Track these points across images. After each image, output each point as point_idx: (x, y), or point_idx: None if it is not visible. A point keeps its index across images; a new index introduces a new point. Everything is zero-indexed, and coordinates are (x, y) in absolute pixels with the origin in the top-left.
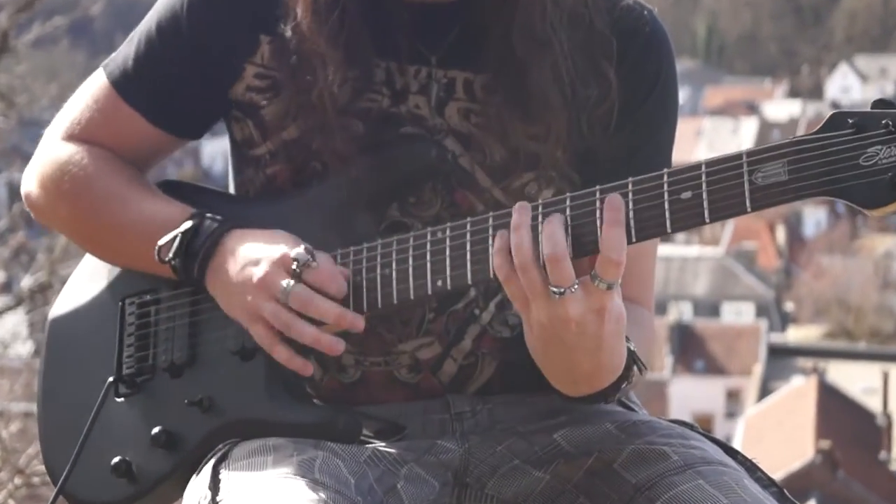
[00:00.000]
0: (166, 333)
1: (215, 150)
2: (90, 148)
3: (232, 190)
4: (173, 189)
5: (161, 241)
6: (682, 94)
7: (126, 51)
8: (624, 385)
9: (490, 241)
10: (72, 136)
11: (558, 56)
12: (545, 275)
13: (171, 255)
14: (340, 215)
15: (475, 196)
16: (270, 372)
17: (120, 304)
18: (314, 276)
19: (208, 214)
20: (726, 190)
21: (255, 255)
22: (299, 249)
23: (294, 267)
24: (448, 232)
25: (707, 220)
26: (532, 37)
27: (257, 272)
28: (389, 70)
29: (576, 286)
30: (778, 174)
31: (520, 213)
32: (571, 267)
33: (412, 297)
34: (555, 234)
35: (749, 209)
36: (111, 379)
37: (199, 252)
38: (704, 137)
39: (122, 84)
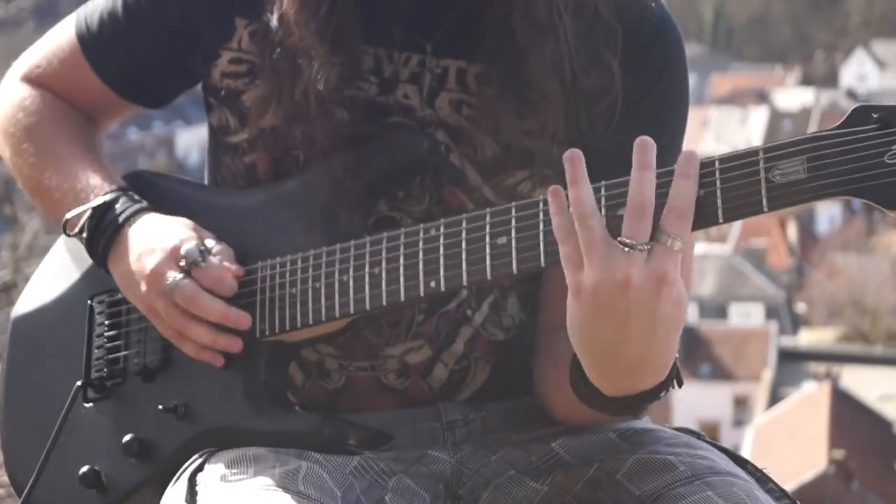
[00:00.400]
0: (138, 334)
1: (190, 141)
2: (44, 94)
3: (207, 178)
4: (141, 179)
5: (69, 214)
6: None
7: (97, 4)
8: (662, 394)
9: (487, 239)
10: (29, 79)
11: (560, 45)
12: (605, 229)
13: (76, 230)
14: (324, 210)
15: (465, 194)
16: (250, 377)
17: (88, 302)
18: (201, 276)
19: (129, 192)
20: (742, 188)
21: (151, 244)
22: (190, 245)
23: (182, 263)
24: (442, 229)
25: (721, 221)
26: (533, 23)
27: (149, 263)
28: (378, 57)
29: (647, 246)
30: (796, 172)
31: (574, 166)
32: (650, 221)
33: (402, 298)
34: (644, 183)
35: (766, 209)
36: (79, 383)
37: (105, 231)
38: (711, 128)
39: (86, 40)
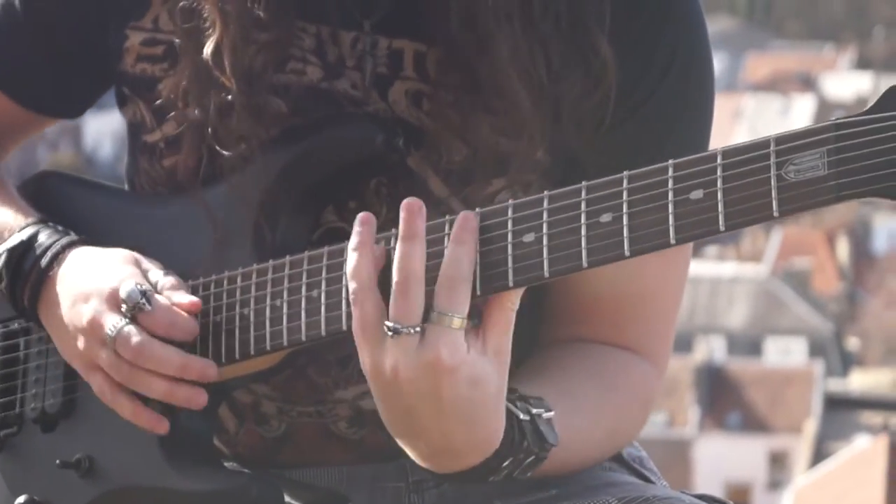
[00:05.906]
0: (37, 372)
1: (101, 130)
2: None
3: (126, 183)
4: (49, 186)
5: None
6: (718, 64)
7: None
8: (507, 464)
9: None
10: None
11: (534, 22)
12: (379, 308)
13: None
14: (258, 220)
15: (429, 207)
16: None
17: None
18: (149, 322)
19: (50, 224)
20: (748, 187)
21: (85, 287)
22: (129, 286)
23: (123, 309)
24: (393, 242)
25: (722, 228)
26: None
27: (86, 311)
28: (320, 36)
29: (416, 329)
30: (815, 167)
31: (361, 231)
32: (421, 299)
33: (344, 328)
34: (410, 256)
35: (776, 213)
36: None
37: (28, 275)
38: (744, 120)
39: None
